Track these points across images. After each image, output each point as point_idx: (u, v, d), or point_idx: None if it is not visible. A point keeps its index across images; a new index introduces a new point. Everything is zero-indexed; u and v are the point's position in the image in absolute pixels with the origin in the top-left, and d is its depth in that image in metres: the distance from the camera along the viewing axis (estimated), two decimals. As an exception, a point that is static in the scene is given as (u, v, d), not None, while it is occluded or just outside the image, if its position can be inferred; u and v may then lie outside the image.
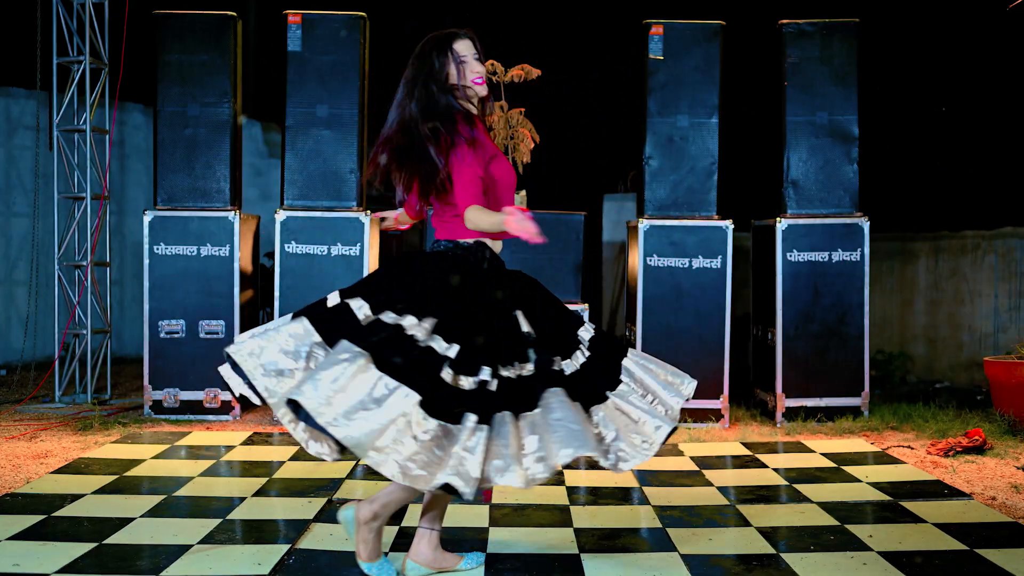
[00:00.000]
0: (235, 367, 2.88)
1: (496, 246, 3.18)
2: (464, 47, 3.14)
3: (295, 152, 5.99)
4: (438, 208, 3.16)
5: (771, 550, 3.45)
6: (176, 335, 5.94)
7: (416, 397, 2.75)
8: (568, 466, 4.73)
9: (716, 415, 5.90)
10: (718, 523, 3.80)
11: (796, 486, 4.38)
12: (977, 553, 3.38)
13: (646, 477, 4.54)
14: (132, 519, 3.72)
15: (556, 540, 3.52)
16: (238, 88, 6.13)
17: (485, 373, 2.87)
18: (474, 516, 3.85)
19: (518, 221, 2.84)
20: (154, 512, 3.84)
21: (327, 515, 3.84)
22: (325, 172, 5.99)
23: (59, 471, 4.49)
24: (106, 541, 3.44)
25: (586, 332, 3.18)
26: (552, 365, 2.96)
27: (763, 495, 4.24)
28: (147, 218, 5.94)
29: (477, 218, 2.99)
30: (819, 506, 4.03)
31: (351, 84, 5.99)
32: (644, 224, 5.99)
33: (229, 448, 5.08)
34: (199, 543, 3.44)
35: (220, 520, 3.73)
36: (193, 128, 6.03)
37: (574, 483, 4.43)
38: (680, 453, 5.10)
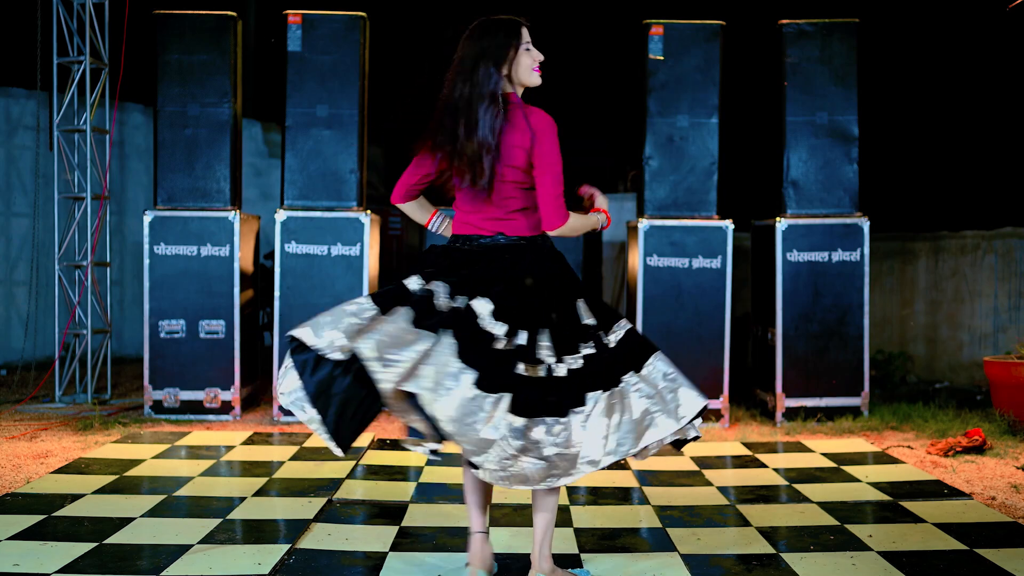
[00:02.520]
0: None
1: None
2: (527, 35, 3.04)
3: (295, 152, 5.99)
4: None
5: (771, 550, 3.45)
6: (176, 335, 5.94)
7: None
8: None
9: (716, 415, 5.91)
10: (718, 523, 3.80)
11: (796, 486, 4.38)
12: (977, 553, 3.38)
13: (646, 477, 4.54)
14: (132, 519, 3.72)
15: (556, 540, 3.52)
16: (238, 88, 6.13)
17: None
18: (474, 516, 3.85)
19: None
20: (154, 512, 3.84)
21: (327, 515, 3.84)
22: (325, 172, 5.99)
23: (59, 471, 4.49)
24: (106, 541, 3.45)
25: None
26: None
27: (763, 495, 4.24)
28: (147, 218, 5.94)
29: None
30: (819, 506, 4.03)
31: (351, 84, 5.99)
32: (644, 224, 5.99)
33: (229, 448, 5.08)
34: (199, 543, 3.44)
35: (220, 520, 3.73)
36: (193, 128, 6.03)
37: (574, 483, 4.42)
38: (680, 453, 5.09)
